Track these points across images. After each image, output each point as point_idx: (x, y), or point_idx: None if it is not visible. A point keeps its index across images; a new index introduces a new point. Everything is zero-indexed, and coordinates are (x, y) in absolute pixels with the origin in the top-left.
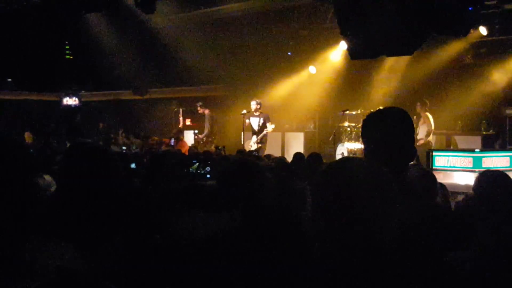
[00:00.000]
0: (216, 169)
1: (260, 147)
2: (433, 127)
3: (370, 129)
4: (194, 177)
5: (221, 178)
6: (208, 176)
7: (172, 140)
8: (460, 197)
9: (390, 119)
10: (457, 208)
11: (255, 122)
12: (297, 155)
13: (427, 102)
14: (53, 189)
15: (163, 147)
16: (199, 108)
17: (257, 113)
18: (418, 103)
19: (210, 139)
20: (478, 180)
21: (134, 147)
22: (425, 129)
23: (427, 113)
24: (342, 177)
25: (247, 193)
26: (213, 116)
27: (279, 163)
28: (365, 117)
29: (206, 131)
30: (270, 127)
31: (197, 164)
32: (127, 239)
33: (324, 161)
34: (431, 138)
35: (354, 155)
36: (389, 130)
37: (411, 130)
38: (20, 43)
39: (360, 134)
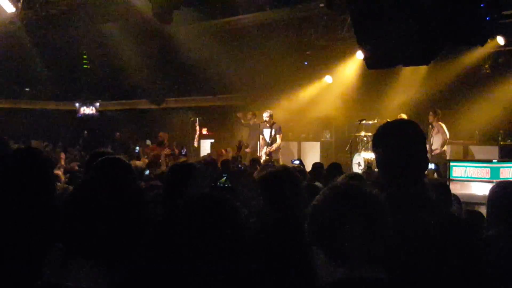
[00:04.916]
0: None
1: (268, 159)
2: (448, 136)
3: (382, 141)
4: (220, 190)
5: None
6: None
7: (184, 150)
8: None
9: (402, 130)
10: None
11: (267, 133)
12: (317, 165)
13: (439, 111)
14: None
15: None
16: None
17: (269, 124)
18: (431, 113)
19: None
20: (492, 192)
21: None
22: (439, 139)
23: (440, 123)
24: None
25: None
26: None
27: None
28: (376, 130)
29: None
30: (277, 141)
31: (225, 177)
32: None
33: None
34: (445, 148)
35: (370, 165)
36: (402, 142)
37: (423, 141)
38: (37, 52)
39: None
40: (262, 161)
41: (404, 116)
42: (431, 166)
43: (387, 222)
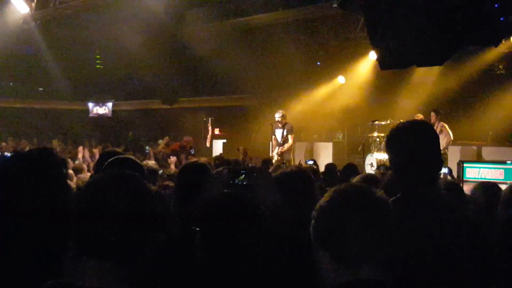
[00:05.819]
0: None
1: (280, 159)
2: (452, 137)
3: (396, 142)
4: (238, 188)
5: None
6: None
7: (193, 150)
8: None
9: (415, 131)
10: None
11: (279, 134)
12: (329, 166)
13: (441, 111)
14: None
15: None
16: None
17: (281, 124)
18: (432, 113)
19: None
20: (505, 193)
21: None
22: (443, 140)
23: (443, 123)
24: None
25: None
26: None
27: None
28: (390, 131)
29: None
30: (289, 141)
31: (243, 175)
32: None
33: None
34: (446, 150)
35: (384, 166)
36: (415, 143)
37: (436, 142)
38: (51, 52)
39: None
40: (273, 161)
41: (421, 116)
42: (444, 170)
43: (393, 225)
